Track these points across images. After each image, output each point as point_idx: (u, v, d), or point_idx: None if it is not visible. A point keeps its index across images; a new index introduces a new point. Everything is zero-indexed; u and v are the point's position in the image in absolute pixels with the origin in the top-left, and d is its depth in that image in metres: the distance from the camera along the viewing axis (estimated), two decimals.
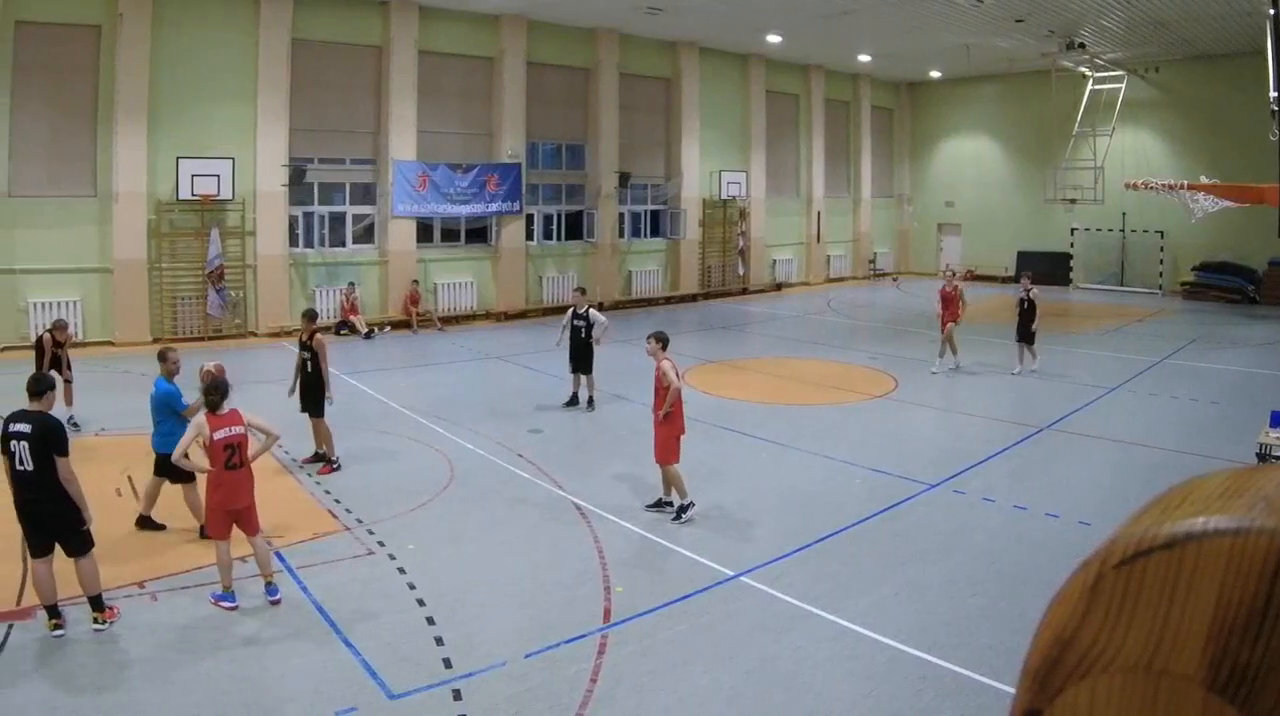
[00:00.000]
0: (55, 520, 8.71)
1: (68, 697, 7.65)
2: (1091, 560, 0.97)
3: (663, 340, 12.76)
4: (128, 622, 8.94)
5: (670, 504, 12.23)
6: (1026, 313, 22.20)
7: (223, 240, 27.51)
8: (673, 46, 38.08)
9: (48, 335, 16.75)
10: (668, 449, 12.13)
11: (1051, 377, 21.83)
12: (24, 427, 8.63)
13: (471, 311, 32.81)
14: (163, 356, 12.08)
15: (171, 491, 11.61)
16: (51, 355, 16.47)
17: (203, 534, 10.75)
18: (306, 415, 14.56)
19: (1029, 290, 22.28)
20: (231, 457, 9.47)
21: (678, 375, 12.43)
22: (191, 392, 12.07)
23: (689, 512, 11.98)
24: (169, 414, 11.44)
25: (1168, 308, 36.34)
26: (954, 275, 23.11)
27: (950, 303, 22.33)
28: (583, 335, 18.38)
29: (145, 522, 11.69)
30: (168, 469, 11.14)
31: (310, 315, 15.28)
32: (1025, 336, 22.40)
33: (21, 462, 8.57)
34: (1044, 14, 30.75)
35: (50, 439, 8.66)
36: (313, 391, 14.60)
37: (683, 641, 8.62)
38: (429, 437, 16.24)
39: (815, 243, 44.74)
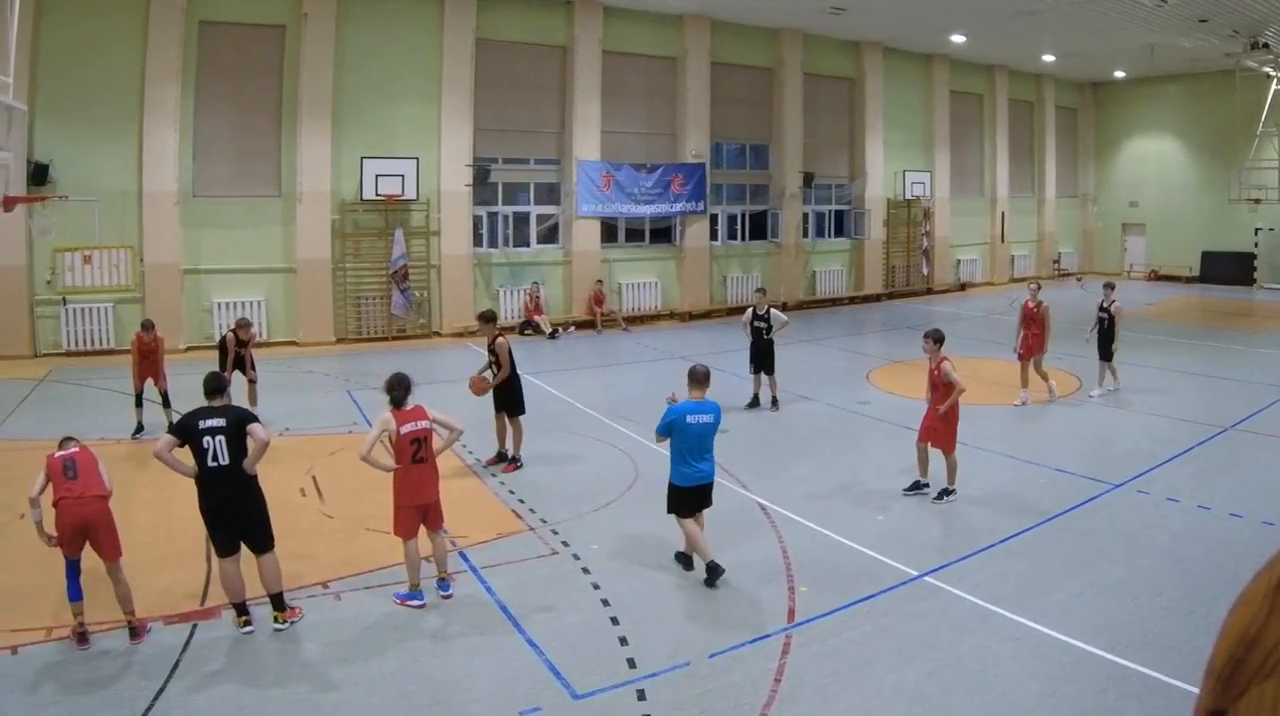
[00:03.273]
0: (247, 515, 8.02)
1: (252, 697, 7.05)
2: (1276, 560, 0.94)
3: (939, 339, 11.71)
4: (311, 621, 8.25)
5: (952, 491, 11.48)
6: (1107, 329, 17.47)
7: (407, 240, 24.28)
8: (857, 46, 33.41)
9: (231, 335, 15.14)
10: (950, 437, 11.45)
11: (1235, 378, 19.68)
12: (218, 422, 7.91)
13: (655, 311, 29.02)
14: None
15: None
16: (235, 355, 14.92)
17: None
18: (504, 414, 13.20)
19: (1111, 303, 17.49)
20: (417, 452, 8.64)
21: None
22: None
23: (949, 497, 11.42)
24: None
25: None
26: (1039, 288, 17.78)
27: (1034, 322, 16.98)
28: (765, 335, 16.40)
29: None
30: None
31: (487, 317, 13.40)
32: (1106, 354, 17.61)
33: (215, 458, 7.83)
34: (1228, 14, 27.31)
35: (245, 419, 8.04)
36: (505, 392, 13.10)
37: (866, 641, 7.91)
38: (613, 438, 14.78)
39: (999, 242, 39.39)
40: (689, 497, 9.20)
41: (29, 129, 19.22)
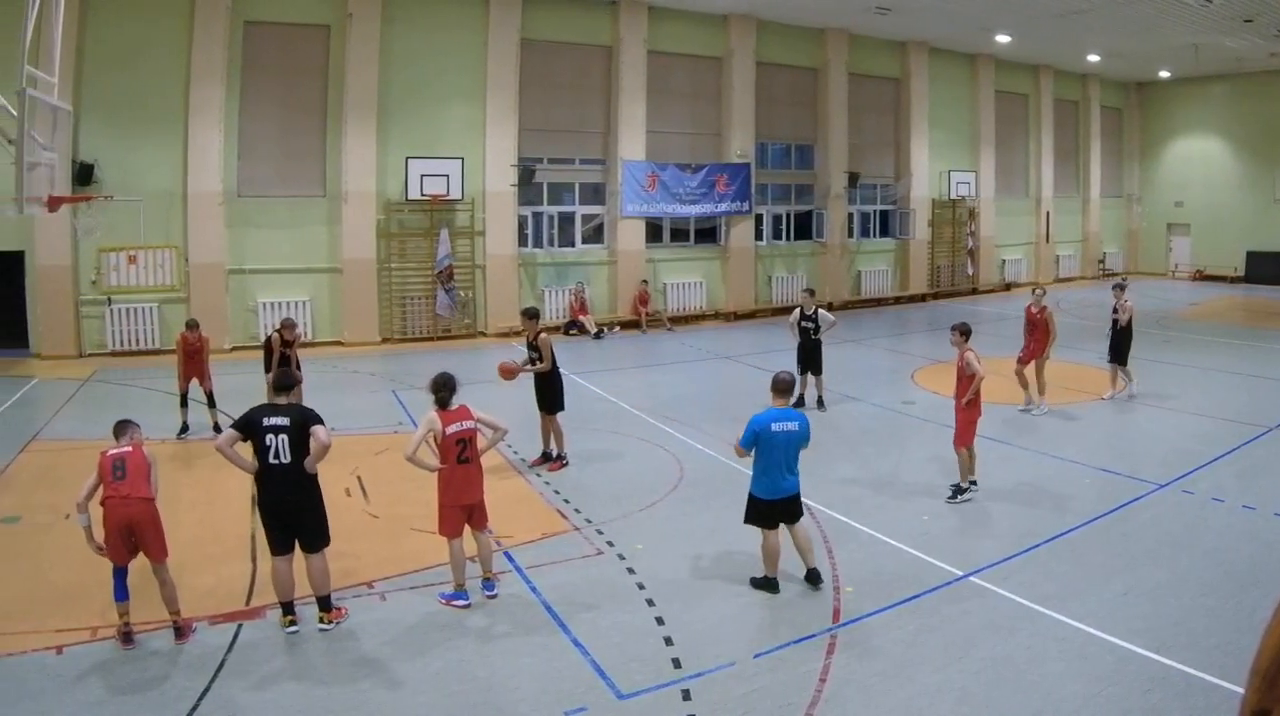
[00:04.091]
0: (305, 514, 7.73)
1: (298, 697, 6.72)
2: None
3: (966, 332, 11.28)
4: (357, 622, 7.97)
5: (974, 484, 11.17)
6: (1120, 331, 16.31)
7: (452, 240, 23.26)
8: (902, 46, 32.00)
9: (276, 335, 14.38)
10: (967, 432, 11.01)
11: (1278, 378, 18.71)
12: (282, 420, 7.65)
13: (700, 311, 27.79)
14: None
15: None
16: (280, 354, 14.12)
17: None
18: (544, 413, 12.68)
19: (1124, 303, 16.32)
20: (463, 452, 8.33)
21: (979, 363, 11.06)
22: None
23: (965, 495, 11.04)
24: None
25: None
26: (1043, 293, 16.47)
27: (1036, 328, 15.76)
28: (812, 336, 15.82)
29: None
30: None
31: (531, 313, 12.96)
32: (1118, 357, 16.45)
33: (278, 456, 7.57)
34: (1273, 14, 26.20)
35: (310, 419, 7.74)
36: (545, 389, 12.63)
37: (911, 641, 7.55)
38: (658, 438, 14.17)
39: (1044, 242, 37.74)
40: (772, 511, 8.49)
41: (74, 129, 18.47)
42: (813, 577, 8.51)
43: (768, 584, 8.50)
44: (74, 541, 8.00)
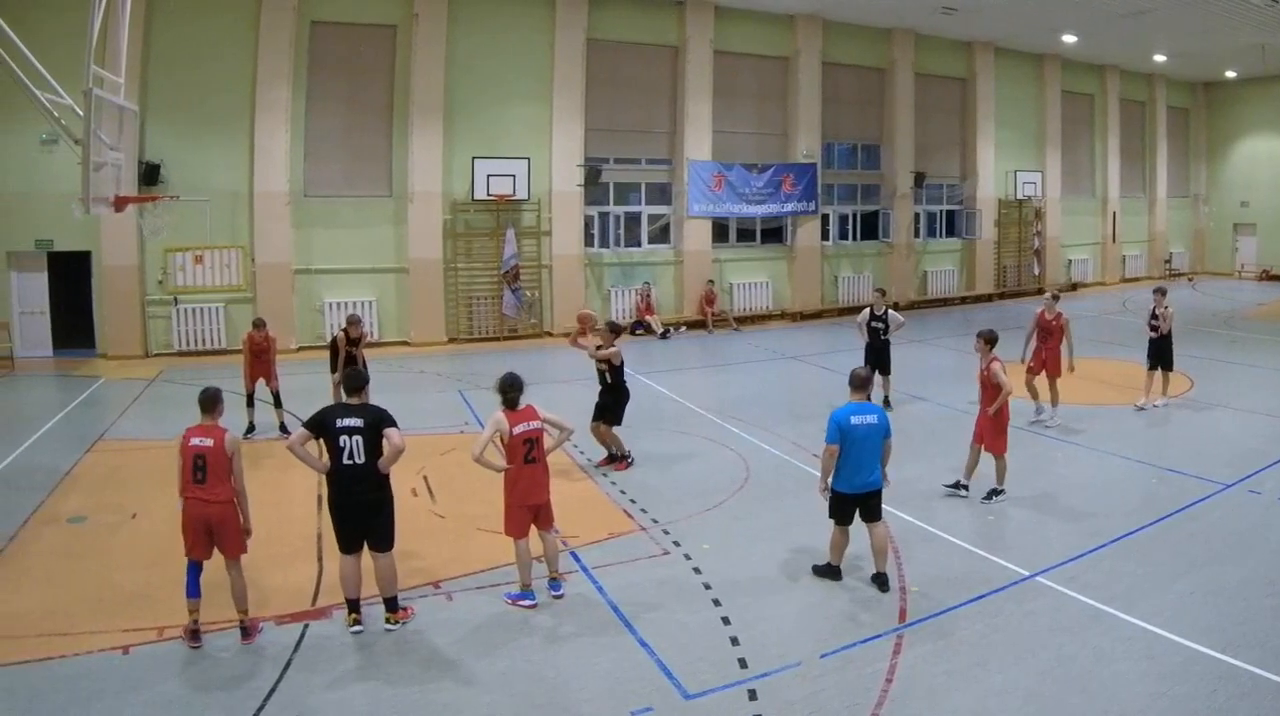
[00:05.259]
0: (375, 514, 7.28)
1: (365, 697, 6.36)
2: None
3: (991, 340, 10.63)
4: (423, 622, 7.48)
5: (1001, 491, 10.48)
6: (1160, 337, 14.67)
7: (518, 240, 21.81)
8: (968, 46, 29.92)
9: (341, 334, 13.56)
10: (999, 440, 10.42)
11: None
12: (356, 421, 7.17)
13: (766, 311, 26.08)
14: None
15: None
16: (346, 354, 13.32)
17: None
18: (601, 422, 11.95)
19: (1164, 308, 14.63)
20: (530, 452, 7.85)
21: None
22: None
23: (997, 498, 10.39)
24: None
25: None
26: (1057, 298, 14.58)
27: (1050, 336, 13.87)
28: (881, 336, 15.06)
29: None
30: None
31: (612, 328, 12.10)
32: (1159, 363, 14.78)
33: (352, 457, 7.11)
34: None
35: (384, 421, 7.25)
36: (611, 398, 11.89)
37: (978, 641, 7.10)
38: (725, 438, 13.46)
39: (1111, 242, 35.35)
40: (851, 505, 8.14)
41: (140, 129, 17.19)
42: (881, 582, 8.13)
43: (830, 571, 8.29)
44: (140, 542, 7.89)
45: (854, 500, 8.12)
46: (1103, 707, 6.20)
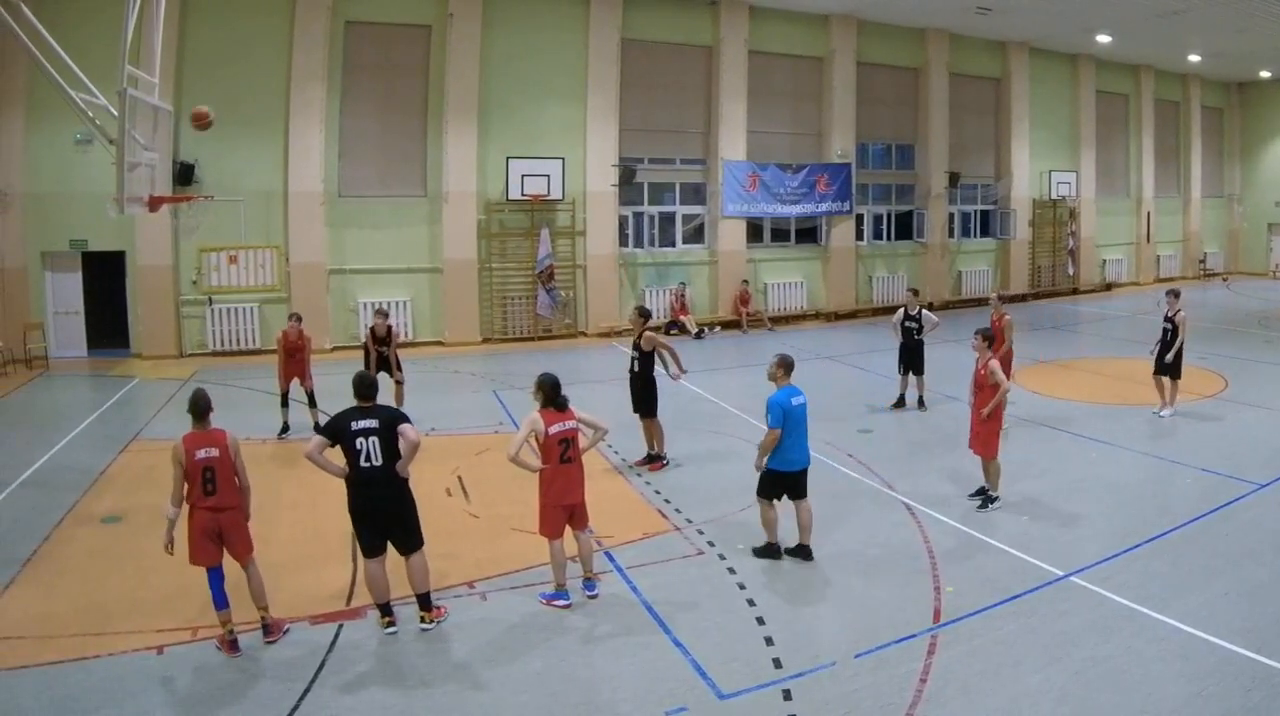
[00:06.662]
0: (397, 516, 7.09)
1: (399, 697, 6.25)
2: None
3: (989, 338, 10.35)
4: (457, 621, 7.32)
5: (995, 498, 10.06)
6: (1170, 342, 13.83)
7: (553, 240, 21.08)
8: (1002, 46, 28.87)
9: (369, 333, 13.50)
10: (992, 443, 9.93)
11: None
12: (371, 423, 6.95)
13: (801, 311, 25.20)
14: None
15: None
16: (377, 354, 13.13)
17: None
18: (637, 416, 11.73)
19: (1176, 312, 13.89)
20: (565, 452, 7.61)
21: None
22: None
23: (993, 505, 9.93)
24: None
25: None
26: (1002, 301, 14.27)
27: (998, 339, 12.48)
28: (915, 336, 14.68)
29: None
30: None
31: (642, 313, 11.86)
32: (1167, 369, 13.88)
33: (369, 459, 6.90)
34: None
35: (397, 419, 7.05)
36: (642, 392, 11.63)
37: (1012, 641, 6.95)
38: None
39: (1145, 242, 34.16)
40: (784, 483, 8.45)
41: (174, 129, 16.47)
42: (805, 552, 8.45)
43: (771, 550, 8.52)
44: (175, 542, 7.57)
45: (789, 477, 8.33)
46: (1137, 708, 6.08)
